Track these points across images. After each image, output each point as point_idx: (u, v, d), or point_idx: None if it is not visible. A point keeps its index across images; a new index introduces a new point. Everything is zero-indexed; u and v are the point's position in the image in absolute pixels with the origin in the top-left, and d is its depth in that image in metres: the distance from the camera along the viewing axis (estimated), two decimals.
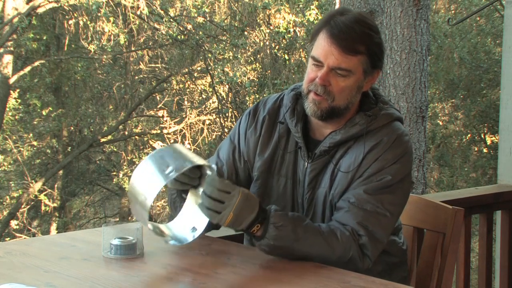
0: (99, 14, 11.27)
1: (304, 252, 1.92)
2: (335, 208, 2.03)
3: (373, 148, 2.01)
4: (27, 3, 11.59)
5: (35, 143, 12.93)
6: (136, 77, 13.80)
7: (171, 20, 11.80)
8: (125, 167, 12.92)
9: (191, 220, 2.03)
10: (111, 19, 11.48)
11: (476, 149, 13.48)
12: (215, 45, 12.11)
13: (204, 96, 13.08)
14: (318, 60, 2.00)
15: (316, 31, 2.03)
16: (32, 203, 12.71)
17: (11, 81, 11.95)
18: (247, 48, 12.06)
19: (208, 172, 1.98)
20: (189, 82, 13.05)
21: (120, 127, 13.35)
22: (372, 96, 2.12)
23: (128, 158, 13.10)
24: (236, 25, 12.11)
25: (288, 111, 2.11)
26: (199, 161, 1.92)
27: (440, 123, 13.18)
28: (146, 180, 1.87)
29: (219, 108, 12.43)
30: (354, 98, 2.04)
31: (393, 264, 2.13)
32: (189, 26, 12.00)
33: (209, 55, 12.05)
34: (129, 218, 14.09)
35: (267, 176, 2.11)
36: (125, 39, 11.81)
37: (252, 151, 2.16)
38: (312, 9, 11.40)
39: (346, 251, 1.94)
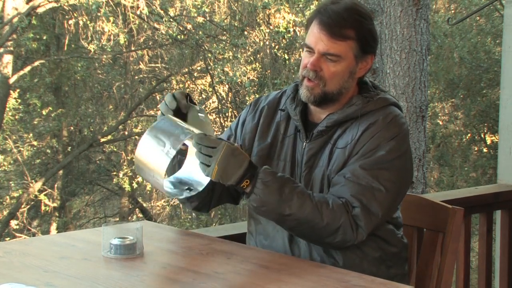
0: (99, 14, 11.26)
1: (292, 212, 1.97)
2: (331, 184, 2.07)
3: (369, 127, 2.06)
4: (27, 3, 11.59)
5: (35, 143, 12.92)
6: (136, 77, 13.79)
7: (171, 20, 11.79)
8: (125, 167, 12.91)
9: (190, 178, 2.11)
10: (111, 19, 11.47)
11: (476, 148, 13.48)
12: (215, 45, 12.11)
13: (204, 96, 13.07)
14: (309, 46, 2.09)
15: (309, 20, 2.12)
16: (32, 203, 12.70)
17: (11, 81, 11.94)
18: (247, 48, 12.06)
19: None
20: (189, 82, 13.05)
21: (120, 127, 13.34)
22: (371, 85, 2.18)
23: (128, 158, 13.09)
24: (236, 25, 12.10)
25: (289, 98, 2.19)
26: (189, 132, 1.98)
27: (440, 122, 13.18)
28: (151, 159, 1.98)
29: (219, 108, 12.43)
30: (347, 83, 2.10)
31: (392, 254, 2.13)
32: (189, 26, 12.00)
33: (209, 55, 12.05)
34: (129, 218, 14.09)
35: (266, 161, 2.15)
36: (125, 39, 11.80)
37: (250, 136, 2.22)
38: (312, 8, 11.39)
39: (336, 218, 1.97)
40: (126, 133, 13.53)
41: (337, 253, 2.06)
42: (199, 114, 2.09)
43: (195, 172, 2.10)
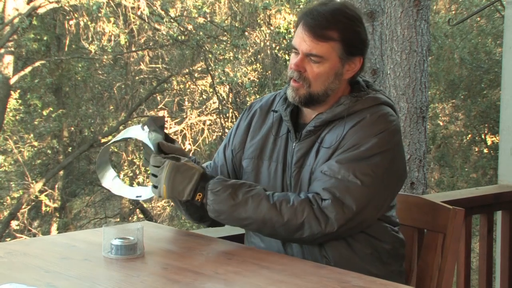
0: (99, 15, 11.27)
1: (248, 215, 2.01)
2: (312, 180, 2.09)
3: (355, 125, 2.07)
4: (28, 4, 11.60)
5: (35, 143, 12.92)
6: (137, 78, 13.79)
7: (172, 20, 11.80)
8: (125, 167, 12.92)
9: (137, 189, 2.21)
10: (112, 19, 11.48)
11: (476, 149, 13.47)
12: (215, 45, 12.11)
13: (204, 97, 13.08)
14: (294, 47, 2.11)
15: (297, 21, 2.14)
16: (33, 203, 12.70)
17: (12, 81, 11.95)
18: (248, 48, 12.07)
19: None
20: (189, 83, 13.05)
21: (121, 127, 13.34)
22: (363, 85, 2.18)
23: (128, 158, 13.10)
24: (236, 25, 12.11)
25: (281, 99, 2.21)
26: (128, 134, 2.12)
27: (441, 123, 13.17)
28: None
29: (220, 108, 12.43)
30: (333, 85, 2.11)
31: (386, 251, 2.13)
32: (190, 27, 12.00)
33: (210, 55, 12.06)
34: (130, 218, 14.09)
35: (258, 162, 2.18)
36: (126, 40, 11.81)
37: (242, 139, 2.25)
38: None
39: (297, 214, 1.98)
40: None
41: (327, 252, 2.06)
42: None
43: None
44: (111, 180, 2.20)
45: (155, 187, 2.04)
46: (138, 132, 2.10)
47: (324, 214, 1.98)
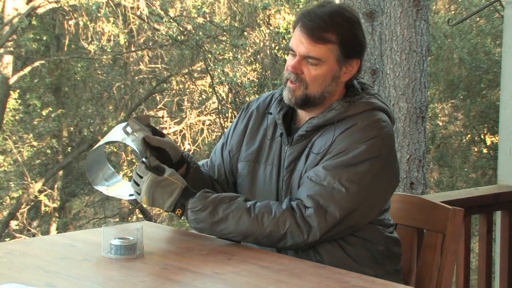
0: (99, 15, 11.27)
1: (230, 230, 2.02)
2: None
3: (345, 131, 2.05)
4: (27, 4, 11.60)
5: (35, 143, 12.92)
6: (136, 78, 13.79)
7: (171, 20, 11.80)
8: (125, 167, 12.91)
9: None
10: (111, 19, 11.48)
11: (476, 149, 13.47)
12: (215, 45, 12.12)
13: (204, 97, 13.08)
14: (292, 49, 2.09)
15: (295, 23, 2.12)
16: (32, 203, 12.70)
17: (11, 81, 11.95)
18: (247, 48, 12.07)
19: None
20: (189, 83, 13.05)
21: None
22: (358, 88, 2.15)
23: (128, 158, 13.10)
24: (236, 25, 12.11)
25: (276, 101, 2.20)
26: (110, 138, 2.19)
27: (440, 123, 13.17)
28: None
29: (219, 108, 12.43)
30: (330, 87, 2.09)
31: (379, 252, 2.13)
32: (189, 27, 12.01)
33: (209, 55, 12.06)
34: (129, 218, 14.09)
35: (255, 165, 2.18)
36: (125, 40, 11.81)
37: (237, 141, 2.25)
38: None
39: (279, 226, 1.99)
40: None
41: (321, 255, 2.06)
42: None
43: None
44: (104, 180, 2.21)
45: (137, 193, 2.08)
46: (123, 134, 2.10)
47: (306, 222, 1.98)
